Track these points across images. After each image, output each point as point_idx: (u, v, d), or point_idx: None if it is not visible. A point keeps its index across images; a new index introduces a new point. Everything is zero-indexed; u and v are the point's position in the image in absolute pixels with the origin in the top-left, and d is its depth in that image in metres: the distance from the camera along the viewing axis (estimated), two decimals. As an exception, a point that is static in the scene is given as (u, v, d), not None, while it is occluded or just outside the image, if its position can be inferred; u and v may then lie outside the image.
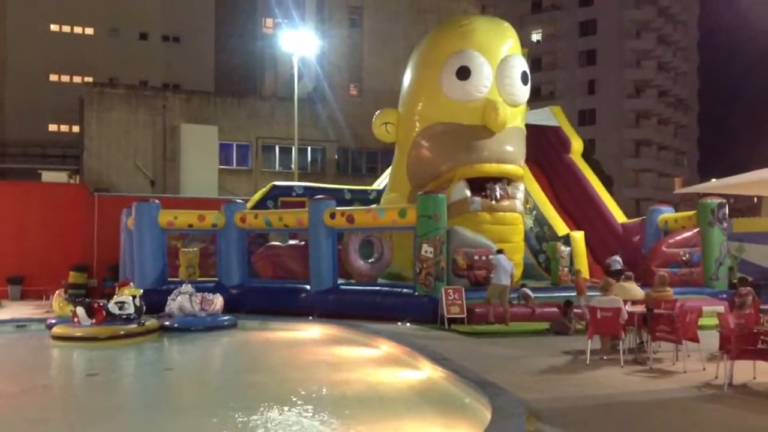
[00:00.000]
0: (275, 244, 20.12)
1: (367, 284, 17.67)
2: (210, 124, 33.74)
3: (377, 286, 17.42)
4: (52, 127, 48.44)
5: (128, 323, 13.25)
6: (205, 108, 34.61)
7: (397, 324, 14.99)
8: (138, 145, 33.08)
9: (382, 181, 23.79)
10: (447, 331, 14.36)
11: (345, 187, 23.76)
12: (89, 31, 50.30)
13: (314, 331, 14.56)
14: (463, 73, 18.02)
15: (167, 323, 14.34)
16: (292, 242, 20.00)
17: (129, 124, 33.05)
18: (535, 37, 64.41)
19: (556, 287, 18.38)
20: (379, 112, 20.07)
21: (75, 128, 42.91)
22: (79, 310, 13.09)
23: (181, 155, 32.87)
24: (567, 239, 19.93)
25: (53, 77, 49.00)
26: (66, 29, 50.02)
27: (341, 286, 17.50)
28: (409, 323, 15.11)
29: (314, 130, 35.60)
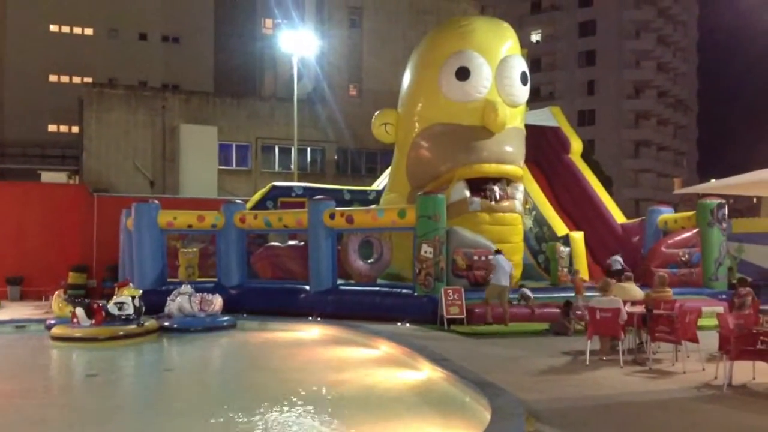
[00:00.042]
0: (275, 244, 20.11)
1: (367, 285, 17.67)
2: (209, 124, 33.75)
3: (377, 287, 17.42)
4: (52, 128, 48.42)
5: (127, 324, 13.24)
6: (204, 108, 34.61)
7: (397, 324, 14.99)
8: (137, 145, 33.09)
9: (382, 182, 23.79)
10: (446, 331, 14.36)
11: (344, 187, 23.78)
12: (89, 31, 50.29)
13: (314, 332, 14.56)
14: (463, 73, 18.01)
15: (166, 324, 14.33)
16: (292, 243, 20.00)
17: (128, 124, 33.05)
18: (535, 37, 64.41)
19: (555, 288, 18.38)
20: (378, 112, 20.06)
21: (74, 129, 42.93)
22: (79, 310, 13.09)
23: (181, 156, 32.88)
24: (566, 240, 19.95)
25: (53, 77, 48.97)
26: (65, 29, 50.01)
27: (341, 287, 17.50)
28: (409, 324, 15.11)
29: (314, 131, 35.61)
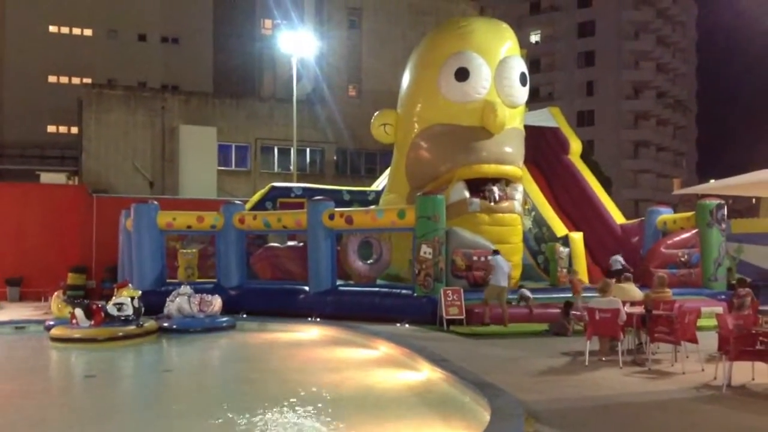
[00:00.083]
0: (274, 245, 20.10)
1: (366, 285, 17.66)
2: (209, 125, 33.76)
3: (376, 287, 17.42)
4: (51, 129, 48.41)
5: (127, 325, 13.23)
6: (203, 109, 34.62)
7: (396, 325, 14.99)
8: (137, 146, 33.09)
9: (381, 182, 23.79)
10: (446, 332, 14.36)
11: (344, 188, 23.79)
12: (88, 32, 50.29)
13: (313, 333, 14.55)
14: (462, 74, 18.01)
15: (166, 324, 14.32)
16: (291, 243, 19.99)
17: (128, 125, 33.06)
18: (534, 38, 64.43)
19: (554, 288, 18.38)
20: (377, 113, 20.06)
21: (74, 129, 42.91)
22: (78, 311, 13.07)
23: (180, 156, 32.87)
24: (566, 240, 19.94)
25: (52, 78, 48.97)
26: (65, 30, 50.01)
27: (340, 288, 17.50)
28: (408, 324, 15.11)
29: (313, 131, 35.61)
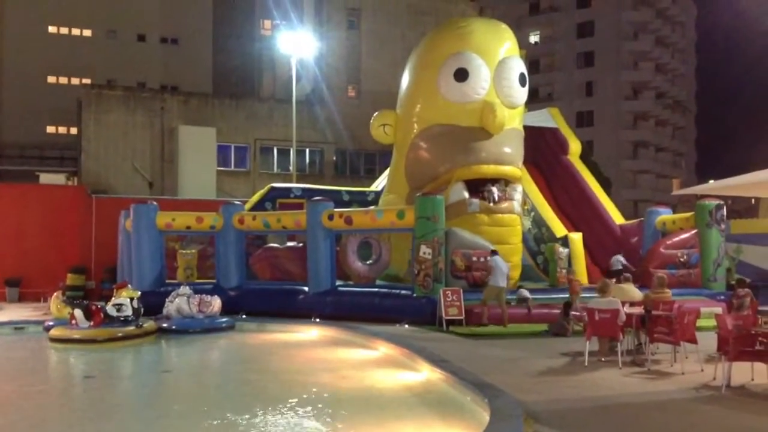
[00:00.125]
0: (273, 245, 20.09)
1: (366, 286, 17.67)
2: (208, 125, 33.74)
3: (375, 288, 17.42)
4: (50, 129, 48.43)
5: (126, 325, 13.20)
6: (203, 110, 34.61)
7: (396, 326, 15.00)
8: (136, 146, 33.07)
9: (381, 183, 23.79)
10: (445, 332, 14.36)
11: (343, 188, 23.80)
12: (87, 32, 50.33)
13: (312, 333, 14.54)
14: (461, 74, 18.01)
15: (165, 325, 14.30)
16: (290, 244, 19.99)
17: (127, 125, 33.03)
18: (533, 38, 64.48)
19: (554, 289, 18.38)
20: (377, 113, 20.06)
21: (73, 130, 42.88)
22: (77, 312, 13.05)
23: (179, 157, 32.86)
24: (565, 241, 19.96)
25: (51, 79, 49.00)
26: (64, 31, 50.05)
27: (339, 288, 17.50)
28: (408, 325, 15.12)
29: (312, 132, 35.61)
